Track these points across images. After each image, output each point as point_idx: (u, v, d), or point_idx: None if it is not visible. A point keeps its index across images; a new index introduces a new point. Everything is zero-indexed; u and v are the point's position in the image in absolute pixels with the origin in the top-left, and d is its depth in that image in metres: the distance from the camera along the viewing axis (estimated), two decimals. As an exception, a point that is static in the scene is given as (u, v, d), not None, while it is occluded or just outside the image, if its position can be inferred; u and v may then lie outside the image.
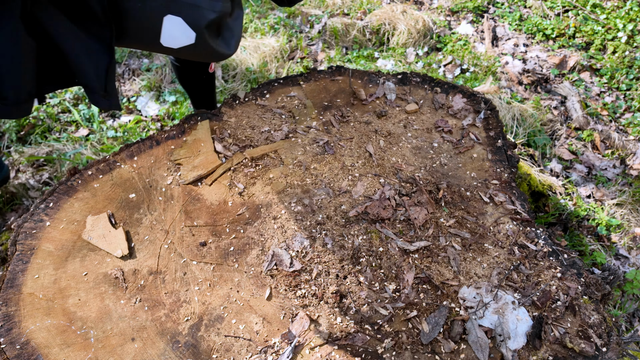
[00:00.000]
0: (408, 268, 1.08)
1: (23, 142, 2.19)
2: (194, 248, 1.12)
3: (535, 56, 2.89)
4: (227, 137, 1.38)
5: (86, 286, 1.05)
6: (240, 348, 0.96)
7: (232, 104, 1.51)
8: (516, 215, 1.21)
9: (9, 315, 0.99)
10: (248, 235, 1.14)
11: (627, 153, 2.38)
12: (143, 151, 1.33)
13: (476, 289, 1.05)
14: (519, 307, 1.02)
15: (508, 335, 0.97)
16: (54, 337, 0.96)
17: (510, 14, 3.16)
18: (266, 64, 2.61)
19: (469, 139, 1.43)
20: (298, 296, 1.03)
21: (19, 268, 1.06)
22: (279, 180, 1.25)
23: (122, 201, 1.21)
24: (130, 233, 1.15)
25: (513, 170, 1.34)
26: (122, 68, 2.61)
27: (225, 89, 2.49)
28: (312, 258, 1.08)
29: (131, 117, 2.34)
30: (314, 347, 0.96)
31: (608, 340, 1.00)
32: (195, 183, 1.26)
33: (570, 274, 1.09)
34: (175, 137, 1.37)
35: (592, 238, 2.01)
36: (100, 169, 1.28)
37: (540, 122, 2.44)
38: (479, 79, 2.65)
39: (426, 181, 1.27)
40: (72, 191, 1.22)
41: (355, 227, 1.14)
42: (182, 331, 0.98)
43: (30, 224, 1.14)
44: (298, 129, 1.41)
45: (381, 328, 0.99)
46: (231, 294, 1.04)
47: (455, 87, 1.59)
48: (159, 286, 1.05)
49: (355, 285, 1.05)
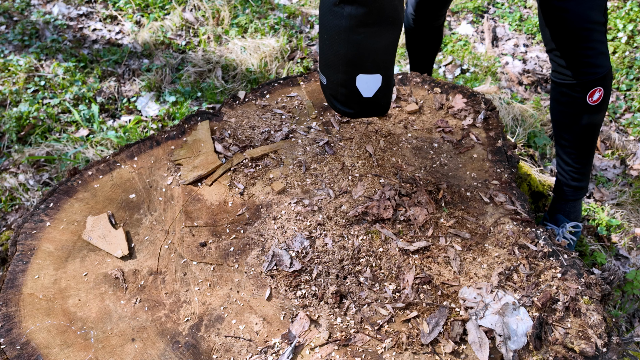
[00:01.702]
0: (408, 268, 1.08)
1: (23, 142, 2.19)
2: (194, 248, 1.12)
3: (535, 56, 2.89)
4: (227, 137, 1.38)
5: (86, 286, 1.05)
6: (240, 348, 0.96)
7: (232, 104, 1.51)
8: (516, 216, 1.21)
9: (9, 315, 0.99)
10: (248, 235, 1.14)
11: (627, 153, 2.38)
12: (143, 151, 1.33)
13: (476, 289, 1.05)
14: (519, 308, 1.02)
15: (508, 335, 0.97)
16: (54, 338, 0.96)
17: (511, 14, 3.16)
18: (266, 64, 2.61)
19: (469, 139, 1.43)
20: (298, 296, 1.03)
21: (19, 268, 1.06)
22: (279, 180, 1.25)
23: (122, 201, 1.21)
24: (131, 233, 1.15)
25: (513, 170, 1.34)
26: (122, 68, 2.61)
27: (225, 89, 2.49)
28: (312, 258, 1.08)
29: (131, 117, 2.34)
30: (314, 347, 0.96)
31: (608, 340, 1.00)
32: (196, 183, 1.26)
33: (570, 274, 1.09)
34: (175, 137, 1.37)
35: (592, 238, 2.01)
36: (100, 169, 1.28)
37: (540, 123, 2.44)
38: (479, 79, 2.65)
39: (426, 181, 1.27)
40: (72, 191, 1.22)
41: (355, 228, 1.14)
42: (182, 331, 0.98)
43: (30, 224, 1.14)
44: (298, 129, 1.41)
45: (381, 328, 0.99)
46: (231, 294, 1.04)
47: (456, 87, 1.59)
48: (159, 286, 1.05)
49: (355, 286, 1.05)
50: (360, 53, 1.09)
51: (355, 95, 1.15)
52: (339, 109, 1.20)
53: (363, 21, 1.04)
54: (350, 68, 1.11)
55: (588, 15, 1.29)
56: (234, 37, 2.79)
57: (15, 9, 2.90)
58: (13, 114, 2.22)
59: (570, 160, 1.61)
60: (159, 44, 2.75)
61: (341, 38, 1.07)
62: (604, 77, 1.40)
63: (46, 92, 2.41)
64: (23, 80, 2.43)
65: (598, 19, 1.30)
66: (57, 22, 2.83)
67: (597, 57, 1.36)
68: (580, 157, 1.59)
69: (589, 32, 1.32)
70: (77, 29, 2.84)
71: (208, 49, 2.72)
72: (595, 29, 1.32)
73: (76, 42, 2.73)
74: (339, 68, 1.12)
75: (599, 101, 1.44)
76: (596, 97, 1.43)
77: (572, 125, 1.52)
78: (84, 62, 2.60)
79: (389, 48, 1.12)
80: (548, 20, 1.36)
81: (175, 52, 2.71)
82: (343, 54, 1.09)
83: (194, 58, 2.64)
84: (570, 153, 1.60)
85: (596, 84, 1.40)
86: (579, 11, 1.29)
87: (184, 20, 2.89)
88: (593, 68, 1.38)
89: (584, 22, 1.30)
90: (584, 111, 1.46)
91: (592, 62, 1.37)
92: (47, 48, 2.64)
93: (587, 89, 1.41)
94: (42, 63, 2.57)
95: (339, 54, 1.10)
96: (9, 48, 2.65)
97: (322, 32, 1.12)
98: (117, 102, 2.44)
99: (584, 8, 1.29)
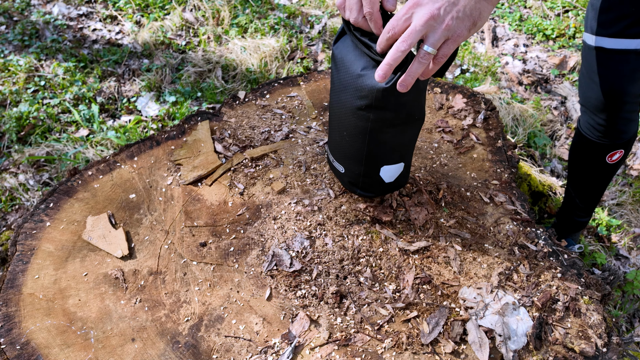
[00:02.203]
0: (408, 268, 1.08)
1: (23, 142, 2.19)
2: (194, 248, 1.12)
3: (535, 56, 2.89)
4: (227, 137, 1.38)
5: (86, 286, 1.05)
6: (240, 348, 0.96)
7: (232, 104, 1.51)
8: (516, 216, 1.21)
9: (9, 315, 0.99)
10: (248, 235, 1.14)
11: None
12: (143, 151, 1.33)
13: (476, 289, 1.05)
14: (519, 308, 1.02)
15: (508, 335, 0.97)
16: (54, 338, 0.96)
17: (510, 14, 3.16)
18: (266, 64, 2.61)
19: (469, 139, 1.43)
20: (298, 296, 1.03)
21: (19, 268, 1.06)
22: (279, 180, 1.25)
23: (122, 201, 1.21)
24: (131, 233, 1.15)
25: (513, 170, 1.34)
26: (122, 68, 2.61)
27: (225, 89, 2.49)
28: (312, 258, 1.08)
29: (131, 117, 2.34)
30: (314, 347, 0.96)
31: (608, 340, 1.00)
32: (196, 183, 1.26)
33: (570, 274, 1.09)
34: (175, 137, 1.37)
35: (593, 238, 2.01)
36: (100, 170, 1.28)
37: (540, 123, 2.44)
38: (479, 79, 2.65)
39: (426, 181, 1.27)
40: (72, 191, 1.22)
41: (355, 228, 1.14)
42: (182, 331, 0.98)
43: (30, 224, 1.14)
44: (298, 129, 1.41)
45: (381, 328, 0.99)
46: (231, 295, 1.04)
47: (455, 87, 1.59)
48: (159, 286, 1.05)
49: (355, 286, 1.05)
50: (386, 150, 1.05)
51: (377, 182, 1.12)
52: (360, 194, 1.16)
53: (391, 123, 0.99)
54: (374, 162, 1.07)
55: (625, 89, 1.28)
56: (234, 37, 2.79)
57: (15, 9, 2.90)
58: (13, 114, 2.22)
59: (579, 200, 1.65)
60: (159, 44, 2.75)
61: (365, 138, 1.02)
62: (628, 141, 1.41)
63: (46, 92, 2.41)
64: (23, 80, 2.43)
65: (635, 91, 1.29)
66: (57, 22, 2.83)
67: (626, 125, 1.36)
68: (589, 199, 1.63)
69: (623, 104, 1.31)
70: (77, 29, 2.84)
71: (208, 49, 2.72)
72: (630, 101, 1.31)
73: (76, 42, 2.73)
74: (361, 162, 1.07)
75: (617, 161, 1.46)
76: (615, 157, 1.45)
77: (587, 173, 1.56)
78: (84, 62, 2.60)
79: (412, 139, 1.08)
80: (586, 79, 1.35)
81: (175, 52, 2.71)
82: (367, 151, 1.05)
83: (194, 58, 2.64)
84: (579, 194, 1.64)
85: (619, 147, 1.41)
86: (618, 83, 1.27)
87: (184, 20, 2.89)
88: (619, 134, 1.38)
89: (621, 94, 1.29)
90: (601, 167, 1.49)
91: (620, 129, 1.37)
92: (47, 48, 2.64)
93: (609, 150, 1.43)
94: (42, 63, 2.57)
95: (362, 150, 1.05)
96: (9, 48, 2.65)
97: (340, 128, 1.06)
98: (117, 102, 2.44)
99: (622, 83, 1.27)
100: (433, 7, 0.78)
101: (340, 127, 1.06)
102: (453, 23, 0.79)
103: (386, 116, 0.98)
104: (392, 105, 0.95)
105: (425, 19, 0.79)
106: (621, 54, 1.23)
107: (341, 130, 1.06)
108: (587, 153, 1.48)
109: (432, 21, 0.79)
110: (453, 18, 0.79)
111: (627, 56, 1.23)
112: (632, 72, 1.25)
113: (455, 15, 0.79)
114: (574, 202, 1.67)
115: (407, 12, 0.81)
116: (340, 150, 1.11)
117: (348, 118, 1.02)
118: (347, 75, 0.98)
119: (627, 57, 1.23)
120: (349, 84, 0.98)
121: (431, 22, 0.79)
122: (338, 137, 1.08)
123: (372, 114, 0.97)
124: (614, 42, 1.23)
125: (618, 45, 1.23)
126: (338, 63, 1.00)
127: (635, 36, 1.20)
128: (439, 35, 0.80)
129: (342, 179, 1.17)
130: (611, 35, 1.22)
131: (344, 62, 0.98)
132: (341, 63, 0.99)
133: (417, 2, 0.80)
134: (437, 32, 0.80)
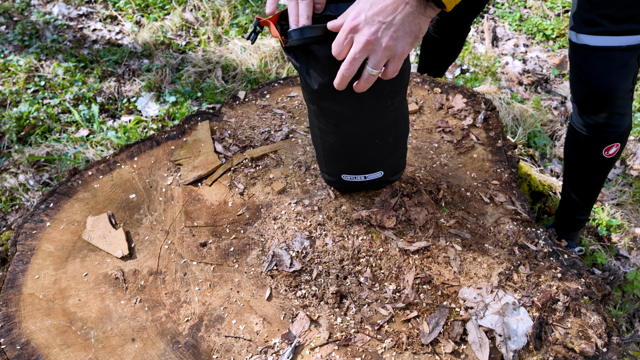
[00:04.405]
0: (408, 268, 1.08)
1: (23, 142, 2.19)
2: (194, 248, 1.12)
3: (535, 56, 2.89)
4: (227, 137, 1.38)
5: (86, 286, 1.05)
6: (240, 348, 0.96)
7: (232, 104, 1.51)
8: (516, 216, 1.21)
9: (9, 315, 0.99)
10: (248, 235, 1.14)
11: (627, 153, 2.38)
12: (143, 151, 1.33)
13: (476, 289, 1.05)
14: (519, 308, 1.02)
15: (508, 335, 0.97)
16: (54, 338, 0.96)
17: (510, 14, 3.16)
18: (266, 64, 2.61)
19: (469, 139, 1.43)
20: (298, 296, 1.03)
21: (19, 268, 1.06)
22: (279, 180, 1.25)
23: (122, 201, 1.21)
24: (131, 233, 1.15)
25: (513, 170, 1.34)
26: (122, 68, 2.61)
27: (225, 89, 2.49)
28: (312, 258, 1.08)
29: (131, 118, 2.34)
30: (314, 347, 0.96)
31: (608, 340, 1.00)
32: (196, 183, 1.26)
33: (570, 275, 1.09)
34: (175, 137, 1.37)
35: (593, 238, 2.01)
36: (100, 170, 1.28)
37: (540, 123, 2.44)
38: (479, 79, 2.65)
39: (426, 181, 1.27)
40: (72, 192, 1.22)
41: (355, 228, 1.14)
42: (182, 331, 0.98)
43: (30, 224, 1.14)
44: (298, 129, 1.41)
45: (381, 328, 0.99)
46: (231, 295, 1.04)
47: (456, 87, 1.59)
48: (159, 286, 1.05)
49: (355, 286, 1.05)
50: (403, 121, 1.10)
51: (405, 155, 1.17)
52: (397, 178, 1.21)
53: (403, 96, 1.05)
54: (403, 139, 1.13)
55: (615, 85, 1.27)
56: (234, 37, 2.79)
57: (15, 9, 2.90)
58: (13, 114, 2.22)
59: (577, 197, 1.64)
60: (159, 44, 2.75)
61: (396, 124, 1.06)
62: (623, 133, 1.41)
63: (46, 92, 2.41)
64: (23, 81, 2.43)
65: (625, 87, 1.29)
66: (57, 22, 2.83)
67: (619, 119, 1.36)
68: (587, 195, 1.62)
69: (615, 100, 1.30)
70: (77, 29, 2.84)
71: (208, 49, 2.72)
72: (621, 97, 1.30)
73: (76, 42, 2.73)
74: (397, 148, 1.12)
75: (614, 154, 1.45)
76: (612, 151, 1.44)
77: (583, 169, 1.55)
78: (84, 62, 2.60)
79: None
80: (575, 77, 1.35)
81: (175, 52, 2.71)
82: (399, 134, 1.10)
83: (194, 58, 2.64)
84: (577, 191, 1.63)
85: (614, 141, 1.41)
86: (606, 81, 1.27)
87: (184, 20, 2.90)
88: (613, 128, 1.38)
89: (611, 91, 1.28)
90: (598, 161, 1.48)
91: (613, 124, 1.36)
92: (47, 48, 2.64)
93: (604, 145, 1.42)
94: (42, 63, 2.57)
95: (396, 137, 1.09)
96: (9, 48, 2.65)
97: (369, 144, 1.07)
98: (117, 102, 2.44)
99: (611, 80, 1.27)
100: (369, 33, 0.79)
101: (369, 142, 1.06)
102: (392, 43, 0.80)
103: (402, 91, 1.02)
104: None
105: (362, 46, 0.80)
106: (606, 51, 1.23)
107: (372, 142, 1.06)
108: (583, 149, 1.48)
109: (371, 46, 0.80)
110: (392, 38, 0.79)
111: (612, 53, 1.23)
112: (619, 68, 1.25)
113: (394, 35, 0.79)
114: (572, 199, 1.66)
115: (346, 37, 0.81)
116: (376, 159, 1.10)
117: (375, 124, 1.02)
118: (351, 94, 0.94)
119: (612, 54, 1.23)
120: (359, 97, 0.95)
121: (369, 47, 0.80)
122: (370, 151, 1.08)
123: (395, 101, 1.01)
124: (598, 39, 1.22)
125: (602, 42, 1.22)
126: (327, 94, 0.95)
127: (618, 33, 1.19)
128: (380, 56, 0.81)
129: (379, 184, 1.18)
130: (595, 33, 1.22)
131: (331, 90, 0.92)
132: (330, 91, 0.93)
133: (353, 27, 0.80)
134: (378, 54, 0.81)
